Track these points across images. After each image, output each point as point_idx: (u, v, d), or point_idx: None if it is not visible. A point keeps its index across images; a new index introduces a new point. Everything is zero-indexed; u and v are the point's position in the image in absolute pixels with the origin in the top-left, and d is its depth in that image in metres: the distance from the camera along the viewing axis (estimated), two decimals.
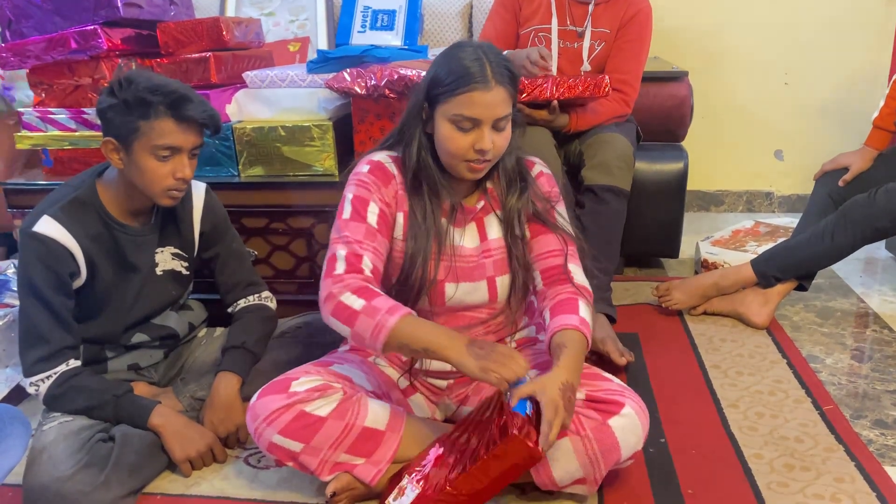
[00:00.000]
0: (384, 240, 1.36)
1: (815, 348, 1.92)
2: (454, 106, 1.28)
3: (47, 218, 1.42)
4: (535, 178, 1.45)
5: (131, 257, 1.52)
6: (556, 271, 1.40)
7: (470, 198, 1.43)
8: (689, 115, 2.49)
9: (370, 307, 1.23)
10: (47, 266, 1.41)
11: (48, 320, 1.42)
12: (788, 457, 1.45)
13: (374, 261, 1.32)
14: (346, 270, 1.29)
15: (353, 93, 1.85)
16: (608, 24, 2.11)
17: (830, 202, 2.09)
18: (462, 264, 1.41)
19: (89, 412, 1.43)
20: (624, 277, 2.42)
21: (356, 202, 1.36)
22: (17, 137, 2.02)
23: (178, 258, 1.60)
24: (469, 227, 1.43)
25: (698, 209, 3.24)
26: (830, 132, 3.07)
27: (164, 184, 1.43)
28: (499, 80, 1.28)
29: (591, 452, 1.24)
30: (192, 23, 2.00)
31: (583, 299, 1.36)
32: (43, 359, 1.42)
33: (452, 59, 1.30)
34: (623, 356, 1.77)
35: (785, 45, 3.04)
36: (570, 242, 1.43)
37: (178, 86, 1.41)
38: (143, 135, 1.38)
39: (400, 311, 1.23)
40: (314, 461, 1.31)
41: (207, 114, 1.43)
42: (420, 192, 1.38)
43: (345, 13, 2.82)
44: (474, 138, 1.29)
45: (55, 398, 1.43)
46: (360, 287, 1.26)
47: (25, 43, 1.92)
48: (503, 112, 1.29)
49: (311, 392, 1.31)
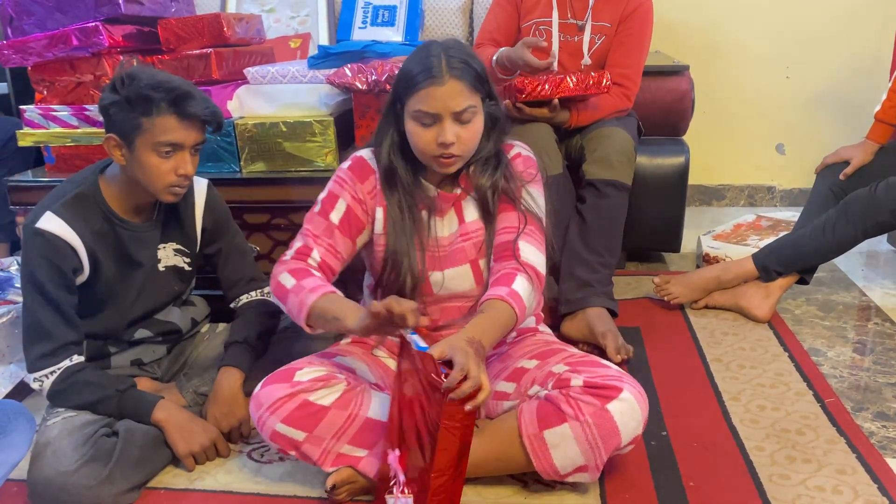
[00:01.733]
0: (344, 238, 1.42)
1: (816, 341, 1.92)
2: (415, 102, 1.32)
3: (50, 214, 1.42)
4: (511, 159, 1.45)
5: (134, 253, 1.52)
6: (505, 247, 1.39)
7: (447, 185, 1.45)
8: (690, 110, 2.49)
9: (298, 286, 1.32)
10: (50, 262, 1.41)
11: (52, 316, 1.42)
12: (790, 449, 1.46)
13: (325, 255, 1.39)
14: (291, 258, 1.38)
15: (354, 88, 1.86)
16: (609, 17, 2.11)
17: (832, 196, 2.09)
18: (444, 251, 1.43)
19: (93, 407, 1.43)
20: (626, 272, 2.42)
21: (326, 198, 1.44)
22: (19, 135, 2.03)
23: (181, 254, 1.61)
24: (448, 214, 1.45)
25: (700, 203, 3.24)
26: (832, 126, 3.07)
27: (166, 180, 1.43)
28: (454, 73, 1.30)
29: (592, 438, 1.24)
30: (193, 19, 2.00)
31: (523, 274, 1.34)
32: (47, 354, 1.42)
33: (413, 57, 1.35)
34: (620, 353, 1.77)
35: (786, 38, 3.03)
36: (532, 222, 1.41)
37: (181, 82, 1.42)
38: (145, 131, 1.39)
39: (321, 290, 1.30)
40: (316, 451, 1.32)
41: (210, 110, 1.43)
42: (395, 189, 1.42)
43: (345, 9, 2.82)
44: (436, 132, 1.31)
45: (59, 393, 1.43)
46: (296, 268, 1.35)
47: (27, 40, 1.93)
48: (461, 105, 1.30)
49: (315, 382, 1.32)
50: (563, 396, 1.27)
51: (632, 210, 2.04)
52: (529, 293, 1.33)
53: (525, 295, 1.32)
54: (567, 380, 1.29)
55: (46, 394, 1.45)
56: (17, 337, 1.78)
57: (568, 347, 1.46)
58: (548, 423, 1.27)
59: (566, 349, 1.44)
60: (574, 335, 1.89)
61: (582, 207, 1.97)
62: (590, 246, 1.95)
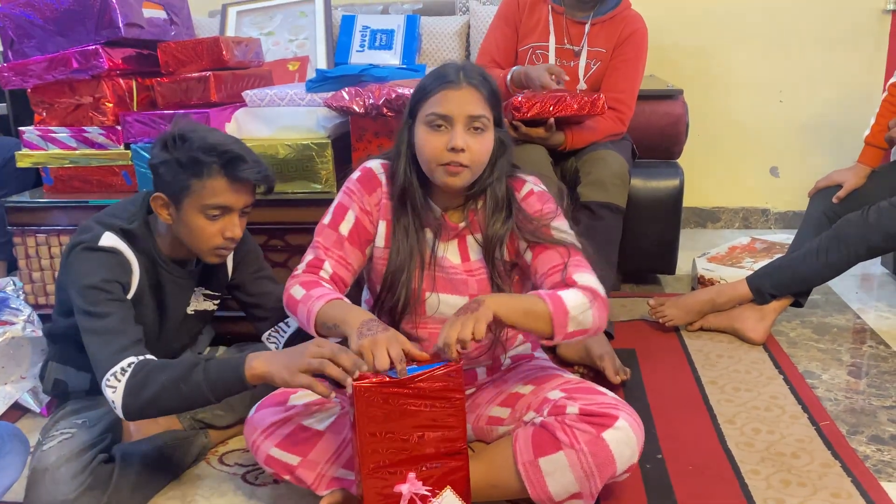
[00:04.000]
0: (354, 249, 1.41)
1: (811, 364, 1.93)
2: (428, 107, 1.32)
3: (110, 234, 1.38)
4: (524, 199, 1.41)
5: (170, 298, 1.49)
6: (557, 286, 1.35)
7: (454, 214, 1.42)
8: (684, 133, 2.51)
9: (307, 296, 1.32)
10: (111, 272, 1.36)
11: (120, 314, 1.33)
12: (785, 472, 1.46)
13: (335, 267, 1.39)
14: (303, 272, 1.38)
15: (351, 111, 1.88)
16: (604, 43, 2.14)
17: (825, 219, 2.10)
18: (443, 275, 1.42)
19: (176, 385, 1.24)
20: (621, 294, 2.43)
21: (336, 209, 1.43)
22: (17, 156, 2.04)
23: (210, 298, 1.59)
24: (451, 244, 1.43)
25: (695, 226, 3.25)
26: (825, 149, 3.10)
27: (212, 242, 1.39)
28: (470, 81, 1.31)
29: (587, 466, 1.24)
30: (192, 42, 2.02)
31: (576, 288, 1.29)
32: (125, 348, 1.29)
33: (428, 74, 1.37)
34: (619, 374, 1.78)
35: (779, 62, 3.07)
36: (574, 252, 1.37)
37: (233, 145, 1.38)
38: (193, 193, 1.35)
39: (327, 297, 1.29)
40: (311, 475, 1.31)
41: (262, 174, 1.38)
42: (405, 206, 1.40)
43: (344, 33, 2.85)
44: (447, 138, 1.30)
45: (136, 388, 1.25)
46: (307, 280, 1.35)
47: (27, 63, 1.95)
48: (475, 111, 1.30)
49: (309, 406, 1.32)
50: (558, 424, 1.26)
51: (627, 232, 2.05)
52: (580, 302, 1.26)
53: (571, 302, 1.26)
54: (563, 406, 1.28)
55: (123, 394, 1.25)
56: (12, 357, 1.78)
57: (564, 373, 1.45)
58: (543, 451, 1.26)
59: (562, 375, 1.43)
60: (571, 357, 1.89)
61: (576, 230, 1.97)
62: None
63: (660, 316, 2.11)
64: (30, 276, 2.03)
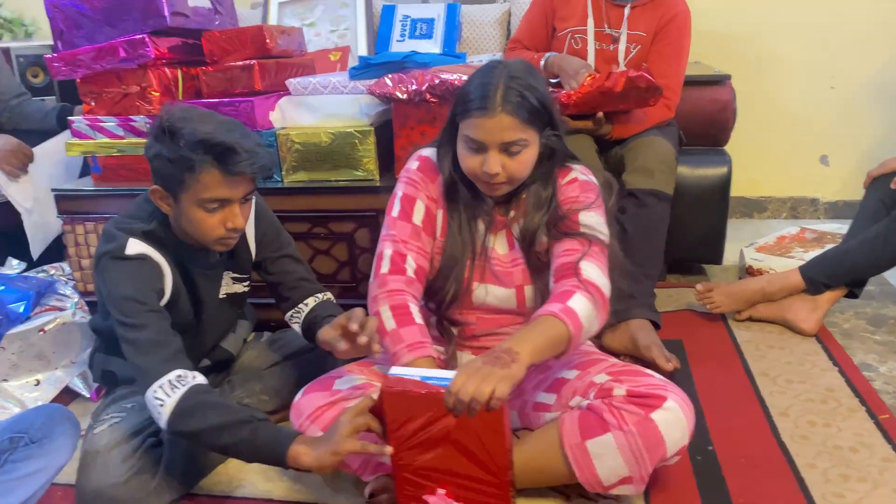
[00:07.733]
0: (429, 238, 1.41)
1: (867, 356, 1.86)
2: (464, 127, 1.31)
3: (135, 241, 1.35)
4: (566, 185, 1.40)
5: (203, 289, 1.48)
6: (566, 268, 1.33)
7: (501, 206, 1.44)
8: (731, 120, 2.45)
9: (397, 334, 1.30)
10: (146, 282, 1.35)
11: (158, 324, 1.32)
12: (844, 467, 1.41)
13: (418, 259, 1.38)
14: (389, 271, 1.35)
15: (394, 98, 1.86)
16: (645, 27, 2.09)
17: (882, 207, 2.03)
18: (490, 266, 1.42)
19: (221, 431, 1.25)
20: (667, 284, 2.38)
21: (405, 200, 1.41)
22: (66, 145, 2.08)
23: (238, 281, 1.57)
24: (500, 235, 1.44)
25: (741, 216, 3.18)
26: (877, 136, 3.00)
27: (214, 234, 1.35)
28: (507, 108, 1.26)
29: (636, 448, 1.21)
30: (236, 31, 2.03)
31: (583, 292, 1.27)
32: (167, 359, 1.29)
33: (475, 77, 1.33)
34: (670, 362, 1.74)
35: (830, 47, 2.97)
36: (595, 244, 1.35)
37: (225, 135, 1.28)
38: (189, 187, 1.30)
39: (415, 353, 1.28)
40: (357, 459, 1.31)
41: (257, 165, 1.31)
42: (455, 199, 1.41)
43: (384, 23, 2.84)
44: (482, 160, 1.30)
45: (184, 412, 1.25)
46: (398, 304, 1.33)
47: (76, 53, 1.97)
48: (510, 138, 1.28)
49: (354, 390, 1.33)
50: (605, 406, 1.25)
51: (673, 221, 2.01)
52: (589, 312, 1.26)
53: (583, 313, 1.25)
54: (609, 389, 1.27)
55: (170, 412, 1.25)
56: (62, 343, 1.81)
57: (609, 358, 1.43)
58: (590, 433, 1.24)
59: (607, 359, 1.41)
60: (616, 347, 1.86)
61: (623, 218, 1.94)
62: (631, 256, 1.92)
63: (707, 302, 2.06)
64: (79, 264, 2.07)
